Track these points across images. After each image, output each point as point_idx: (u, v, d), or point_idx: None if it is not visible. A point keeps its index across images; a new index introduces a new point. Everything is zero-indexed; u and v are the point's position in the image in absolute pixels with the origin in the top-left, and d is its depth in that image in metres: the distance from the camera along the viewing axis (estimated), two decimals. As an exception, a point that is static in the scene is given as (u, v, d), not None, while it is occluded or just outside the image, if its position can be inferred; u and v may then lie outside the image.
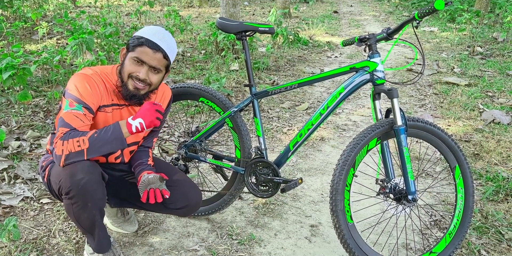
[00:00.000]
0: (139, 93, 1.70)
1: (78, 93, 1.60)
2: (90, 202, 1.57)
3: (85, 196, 1.55)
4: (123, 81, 1.68)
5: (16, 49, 3.89)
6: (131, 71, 1.65)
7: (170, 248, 2.03)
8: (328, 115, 1.93)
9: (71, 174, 1.54)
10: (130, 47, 1.66)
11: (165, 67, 1.71)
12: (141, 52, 1.63)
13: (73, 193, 1.55)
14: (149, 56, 1.64)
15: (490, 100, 4.37)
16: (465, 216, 1.94)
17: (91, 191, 1.55)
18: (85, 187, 1.54)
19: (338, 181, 1.77)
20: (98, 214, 1.63)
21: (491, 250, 2.08)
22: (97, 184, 1.57)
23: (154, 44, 1.64)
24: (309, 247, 2.09)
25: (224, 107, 2.14)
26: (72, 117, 1.58)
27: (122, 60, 1.70)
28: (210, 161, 2.20)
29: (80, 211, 1.59)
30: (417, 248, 2.11)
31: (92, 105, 1.63)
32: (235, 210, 2.39)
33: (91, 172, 1.56)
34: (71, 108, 1.59)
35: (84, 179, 1.53)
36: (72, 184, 1.53)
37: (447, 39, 7.98)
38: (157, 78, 1.70)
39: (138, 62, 1.65)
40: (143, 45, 1.63)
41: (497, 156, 3.09)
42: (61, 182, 1.57)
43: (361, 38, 1.89)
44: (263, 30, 2.05)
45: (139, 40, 1.64)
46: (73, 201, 1.57)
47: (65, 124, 1.57)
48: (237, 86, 4.57)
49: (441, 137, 1.89)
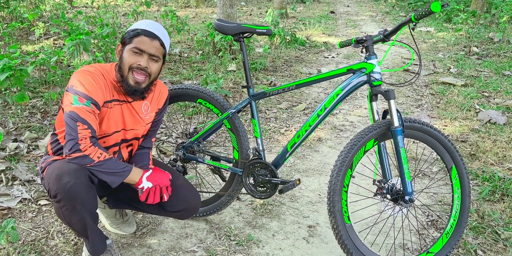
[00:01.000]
0: (140, 87, 1.71)
1: (85, 89, 1.60)
2: (78, 205, 1.57)
3: (72, 199, 1.56)
4: (123, 76, 1.68)
5: (13, 50, 3.88)
6: (131, 63, 1.66)
7: (168, 249, 2.04)
8: (326, 116, 1.94)
9: (58, 178, 1.55)
10: (127, 40, 1.68)
11: (162, 55, 1.73)
12: (139, 41, 1.66)
13: (60, 197, 1.56)
14: (147, 44, 1.66)
15: (486, 100, 4.39)
16: (462, 216, 1.96)
17: (78, 194, 1.56)
18: (71, 190, 1.54)
19: (335, 182, 1.78)
20: (89, 217, 1.63)
21: (487, 250, 2.10)
22: (84, 186, 1.57)
23: (150, 32, 1.67)
24: (307, 248, 2.10)
25: (222, 109, 2.15)
26: (86, 113, 1.58)
27: (119, 55, 1.71)
28: (208, 162, 2.20)
29: (70, 214, 1.60)
30: (414, 248, 2.12)
31: (99, 101, 1.64)
32: (233, 211, 2.39)
33: (77, 175, 1.56)
34: (82, 103, 1.59)
35: (71, 182, 1.54)
36: (59, 188, 1.54)
37: (444, 39, 8.01)
38: (156, 67, 1.72)
39: (137, 53, 1.66)
40: (139, 35, 1.66)
41: (493, 156, 3.11)
42: (50, 185, 1.59)
43: (358, 40, 1.90)
44: (260, 32, 2.06)
45: (135, 31, 1.67)
46: (61, 205, 1.58)
47: (82, 120, 1.57)
48: (234, 86, 4.58)
49: (438, 138, 1.91)
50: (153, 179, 1.72)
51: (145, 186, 1.70)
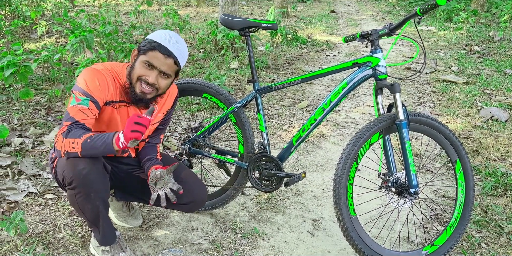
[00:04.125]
0: (146, 97, 1.69)
1: (86, 87, 1.62)
2: (93, 192, 1.59)
3: (87, 186, 1.57)
4: (131, 83, 1.67)
5: (17, 47, 3.89)
6: (140, 74, 1.65)
7: (174, 242, 2.05)
8: (331, 110, 1.95)
9: (74, 165, 1.56)
10: (142, 50, 1.64)
11: (174, 72, 1.70)
12: (152, 56, 1.62)
13: (76, 183, 1.57)
14: (160, 61, 1.62)
15: (488, 98, 4.41)
16: (466, 209, 1.97)
17: (93, 181, 1.57)
18: (87, 177, 1.56)
19: (341, 175, 1.80)
20: (102, 205, 1.65)
21: (491, 243, 2.12)
22: (99, 174, 1.59)
23: (166, 49, 1.61)
24: (312, 241, 2.12)
25: (227, 103, 2.16)
26: (76, 111, 1.59)
27: (133, 62, 1.69)
28: (213, 156, 2.22)
29: (83, 202, 1.61)
30: (418, 241, 2.14)
31: (99, 99, 1.64)
32: (238, 205, 2.41)
33: (93, 162, 1.58)
34: (77, 102, 1.60)
35: (86, 169, 1.55)
36: (74, 174, 1.56)
37: (445, 38, 8.03)
38: (165, 83, 1.70)
39: (149, 66, 1.63)
40: (155, 49, 1.61)
41: (495, 152, 3.13)
42: (64, 173, 1.60)
43: (363, 34, 1.92)
44: (266, 26, 2.08)
45: (151, 44, 1.62)
46: (76, 192, 1.59)
47: (69, 119, 1.59)
48: (237, 84, 4.60)
49: (442, 132, 1.92)
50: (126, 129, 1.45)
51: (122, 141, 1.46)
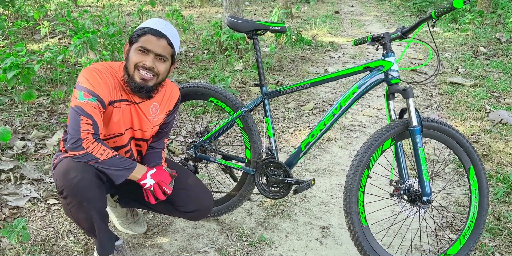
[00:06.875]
0: (147, 84, 1.65)
1: (91, 86, 1.57)
2: (85, 201, 1.54)
3: (78, 195, 1.53)
4: (130, 74, 1.63)
5: (19, 48, 3.85)
6: (137, 61, 1.61)
7: (180, 249, 2.00)
8: (341, 115, 1.90)
9: (64, 173, 1.53)
10: (133, 39, 1.63)
11: (170, 55, 1.67)
12: (145, 40, 1.61)
13: (66, 192, 1.53)
14: (153, 43, 1.61)
15: (496, 101, 4.35)
16: (480, 218, 1.91)
17: (85, 190, 1.53)
18: (77, 186, 1.51)
19: (352, 183, 1.74)
20: (97, 215, 1.60)
21: (505, 252, 2.06)
22: (91, 183, 1.54)
23: (157, 31, 1.61)
24: (321, 249, 2.07)
25: (234, 107, 2.11)
26: (91, 109, 1.55)
27: (126, 55, 1.66)
28: (220, 162, 2.17)
29: (76, 212, 1.57)
30: (431, 250, 2.08)
31: (104, 98, 1.60)
32: (244, 211, 2.36)
33: (84, 171, 1.53)
34: (87, 98, 1.56)
35: (77, 178, 1.51)
36: (65, 183, 1.52)
37: (450, 39, 7.96)
38: (164, 67, 1.66)
39: (143, 52, 1.61)
40: (146, 33, 1.61)
41: (506, 157, 3.06)
42: (56, 181, 1.56)
43: (374, 37, 1.87)
44: (274, 29, 2.03)
45: (142, 30, 1.62)
46: (68, 201, 1.55)
47: (87, 115, 1.54)
48: (241, 86, 4.54)
49: (456, 138, 1.87)
50: (156, 177, 1.69)
51: (147, 182, 1.67)
